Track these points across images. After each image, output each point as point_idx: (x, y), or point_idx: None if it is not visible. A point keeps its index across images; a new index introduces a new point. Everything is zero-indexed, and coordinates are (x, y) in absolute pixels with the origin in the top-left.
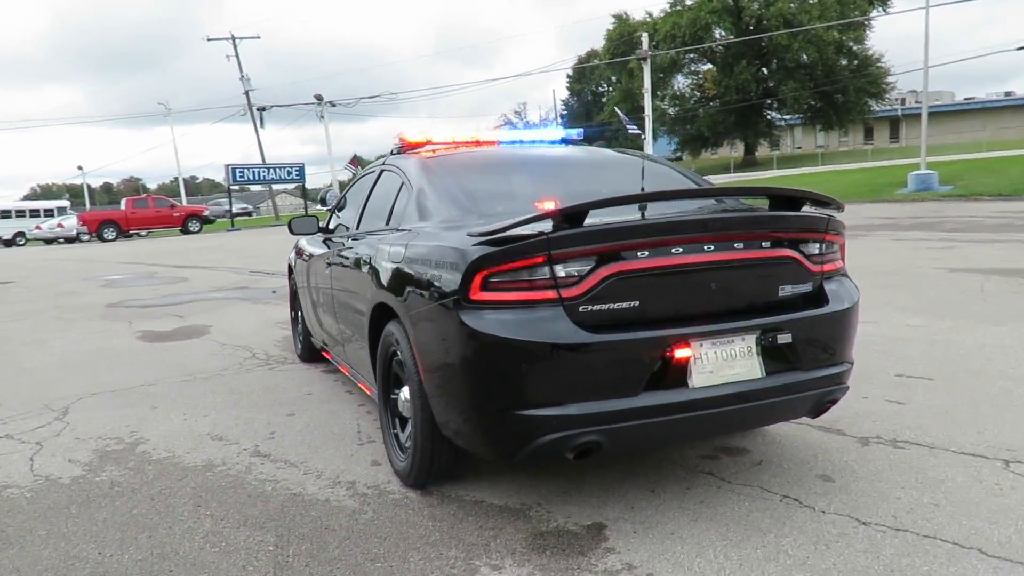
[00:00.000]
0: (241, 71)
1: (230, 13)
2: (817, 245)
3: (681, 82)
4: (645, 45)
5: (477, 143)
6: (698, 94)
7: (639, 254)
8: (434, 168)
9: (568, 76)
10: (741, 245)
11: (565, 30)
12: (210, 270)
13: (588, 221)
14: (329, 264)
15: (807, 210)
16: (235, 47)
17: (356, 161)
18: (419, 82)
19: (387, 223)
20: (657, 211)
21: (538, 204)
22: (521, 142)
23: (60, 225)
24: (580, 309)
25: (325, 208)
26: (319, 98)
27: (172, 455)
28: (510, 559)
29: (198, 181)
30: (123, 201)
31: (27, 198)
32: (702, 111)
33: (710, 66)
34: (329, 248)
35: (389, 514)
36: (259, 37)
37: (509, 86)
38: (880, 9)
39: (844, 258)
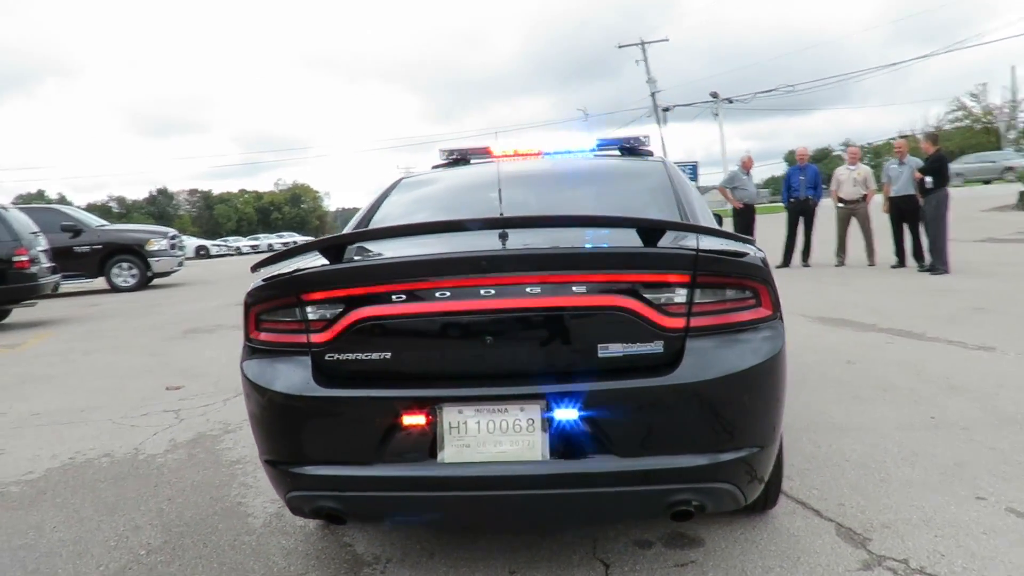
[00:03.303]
0: (648, 74)
1: (677, 15)
2: (683, 291)
3: None
4: None
5: (516, 154)
6: None
7: (394, 297)
8: (403, 187)
9: None
10: (537, 290)
11: None
12: None
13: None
14: None
15: (673, 244)
16: (644, 51)
17: (750, 160)
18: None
19: None
20: (521, 242)
21: None
22: (559, 152)
23: None
24: (326, 358)
25: None
26: (714, 95)
27: (231, 448)
28: None
29: None
30: None
31: None
32: None
33: None
34: None
35: (266, 541)
36: (667, 39)
37: (971, 66)
38: None
39: (766, 305)
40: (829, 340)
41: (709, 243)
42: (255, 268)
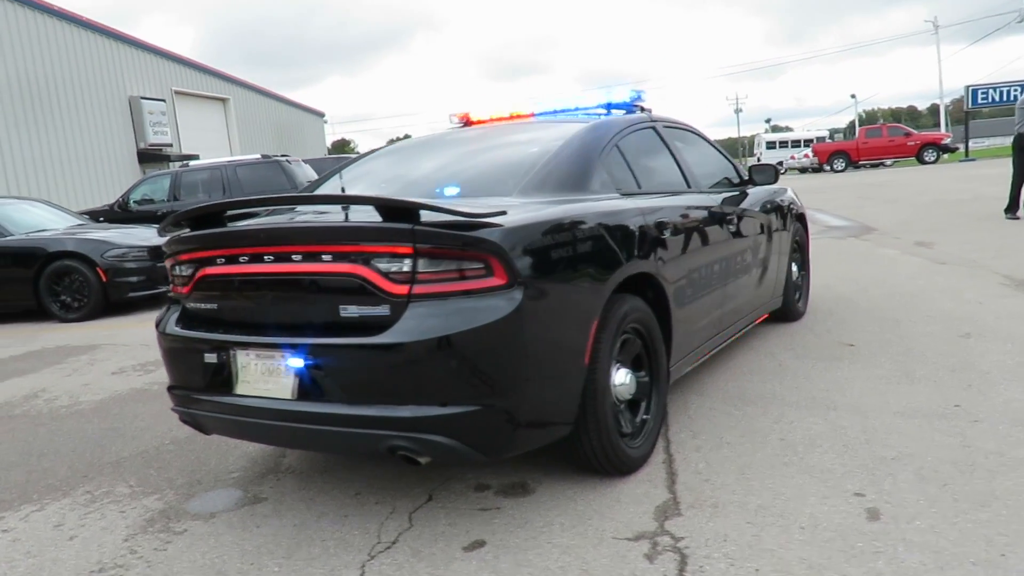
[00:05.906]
0: None
1: None
2: (407, 261)
3: None
4: None
5: (511, 118)
6: None
7: (218, 260)
8: (380, 153)
9: None
10: (299, 257)
11: None
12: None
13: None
14: None
15: (404, 219)
16: None
17: None
18: None
19: None
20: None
21: None
22: (558, 112)
23: (805, 156)
24: (188, 306)
25: None
26: None
27: None
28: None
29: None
30: (858, 131)
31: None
32: None
33: None
34: None
35: (250, 444)
36: None
37: None
38: None
39: (499, 276)
40: (987, 308)
41: (441, 218)
42: (162, 230)
